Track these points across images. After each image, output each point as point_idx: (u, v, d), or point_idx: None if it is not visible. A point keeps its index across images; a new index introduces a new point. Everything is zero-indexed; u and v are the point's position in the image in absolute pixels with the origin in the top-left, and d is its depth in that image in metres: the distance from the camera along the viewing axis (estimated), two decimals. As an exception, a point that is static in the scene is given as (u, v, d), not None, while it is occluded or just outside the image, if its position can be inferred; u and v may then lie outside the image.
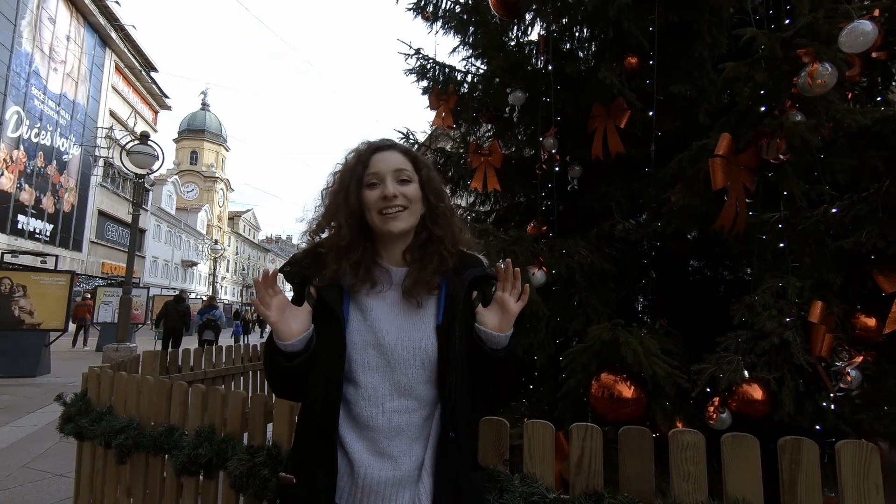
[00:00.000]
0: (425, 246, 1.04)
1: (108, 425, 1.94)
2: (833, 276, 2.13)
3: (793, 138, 1.79)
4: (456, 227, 1.07)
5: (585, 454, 1.13)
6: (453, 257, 1.04)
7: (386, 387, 0.96)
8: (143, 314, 16.13)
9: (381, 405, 0.96)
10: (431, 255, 1.02)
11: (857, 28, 1.54)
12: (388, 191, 0.99)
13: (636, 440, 1.11)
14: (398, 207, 1.00)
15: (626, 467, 1.11)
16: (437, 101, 3.88)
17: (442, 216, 1.05)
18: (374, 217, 1.01)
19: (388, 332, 0.98)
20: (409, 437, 0.96)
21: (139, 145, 9.41)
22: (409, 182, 1.02)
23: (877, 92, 2.90)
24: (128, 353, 8.87)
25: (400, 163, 1.03)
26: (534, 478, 1.12)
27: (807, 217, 2.25)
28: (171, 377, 3.39)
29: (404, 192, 1.01)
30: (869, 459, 0.96)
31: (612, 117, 2.87)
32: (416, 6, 4.19)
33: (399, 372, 0.97)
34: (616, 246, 2.99)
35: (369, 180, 1.02)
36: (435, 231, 1.04)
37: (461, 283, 1.02)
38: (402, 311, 1.01)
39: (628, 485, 1.09)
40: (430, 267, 1.01)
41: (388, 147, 1.06)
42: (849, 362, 2.00)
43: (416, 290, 1.00)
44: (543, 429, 1.16)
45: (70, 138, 22.72)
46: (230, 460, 1.53)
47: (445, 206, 1.07)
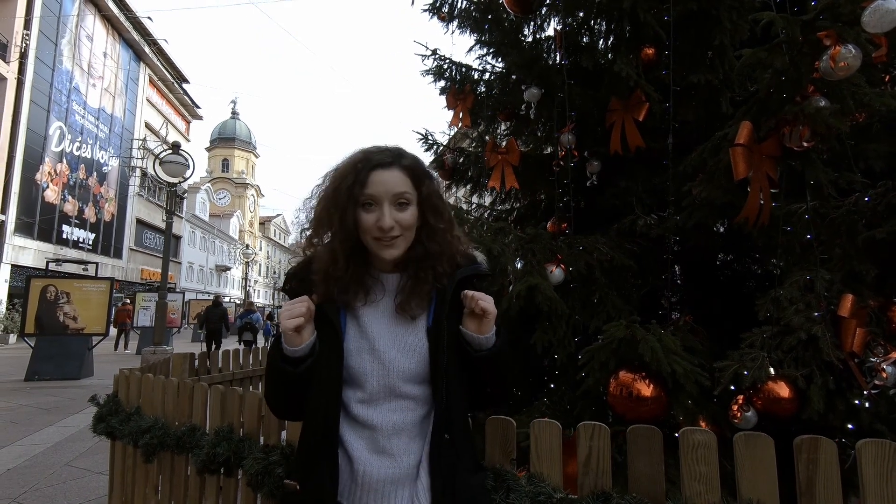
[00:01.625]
0: (420, 261, 1.02)
1: (135, 425, 2.01)
2: (866, 268, 2.03)
3: (816, 125, 1.72)
4: (454, 242, 1.05)
5: (593, 453, 1.11)
6: (447, 274, 1.03)
7: (382, 390, 0.98)
8: (179, 318, 16.65)
9: (378, 407, 0.98)
10: (426, 271, 1.01)
11: (882, 6, 1.46)
12: (384, 222, 0.96)
13: (645, 439, 1.08)
14: (393, 237, 0.98)
15: (636, 467, 1.08)
16: (455, 101, 3.88)
17: (439, 234, 1.03)
18: (368, 240, 1.00)
19: (381, 336, 0.99)
20: (407, 435, 0.97)
21: (171, 155, 9.73)
22: (407, 205, 0.99)
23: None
24: (164, 356, 9.20)
25: (399, 185, 0.98)
26: (541, 477, 1.10)
27: (837, 206, 2.15)
28: (200, 378, 3.49)
29: (401, 219, 0.98)
30: (893, 460, 0.91)
31: (630, 111, 2.81)
32: (432, 7, 4.20)
33: (394, 375, 0.97)
34: (638, 242, 2.93)
35: (365, 200, 0.98)
36: (430, 247, 1.02)
37: (450, 284, 1.02)
38: (395, 316, 1.02)
39: (637, 485, 1.07)
40: (425, 286, 1.01)
41: (388, 164, 0.99)
42: (884, 358, 1.90)
43: (408, 304, 1.00)
44: (550, 428, 1.15)
45: (109, 150, 23.71)
46: (246, 459, 1.56)
47: (445, 225, 1.04)
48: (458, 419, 0.99)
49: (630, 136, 2.82)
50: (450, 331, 0.99)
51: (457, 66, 4.09)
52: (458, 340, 1.00)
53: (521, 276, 2.46)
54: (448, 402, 0.97)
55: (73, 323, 9.64)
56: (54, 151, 19.98)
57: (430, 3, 4.21)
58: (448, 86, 4.10)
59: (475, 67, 4.04)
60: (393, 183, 0.98)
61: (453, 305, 1.01)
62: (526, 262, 2.58)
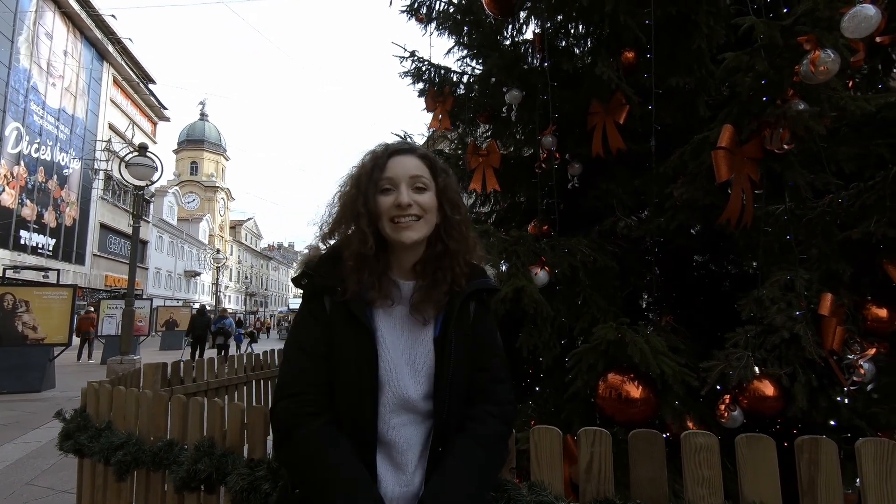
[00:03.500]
0: (439, 259, 1.00)
1: (107, 441, 1.90)
2: (842, 267, 2.09)
3: (796, 127, 1.76)
4: (470, 240, 1.04)
5: (595, 459, 1.09)
6: (465, 275, 1.01)
7: (392, 402, 0.95)
8: (146, 326, 16.10)
9: (389, 421, 0.94)
10: (445, 271, 0.99)
11: (860, 12, 1.50)
12: (402, 199, 0.95)
13: (647, 443, 1.07)
14: (412, 217, 0.96)
15: (638, 472, 1.06)
16: (434, 104, 3.85)
17: (457, 228, 1.02)
18: (385, 225, 0.97)
19: (394, 347, 0.96)
20: (417, 451, 0.95)
21: (138, 157, 9.41)
22: (424, 190, 0.98)
23: (878, 79, 2.86)
24: (131, 366, 8.86)
25: (417, 168, 0.99)
26: (542, 486, 1.08)
27: (812, 207, 2.21)
28: (173, 389, 3.36)
29: (419, 200, 0.97)
30: (892, 458, 0.92)
31: (611, 113, 2.84)
32: (410, 8, 4.17)
33: (406, 387, 0.95)
34: (619, 243, 2.95)
35: (384, 185, 0.98)
36: (450, 244, 1.00)
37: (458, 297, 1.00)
38: (408, 326, 0.99)
39: (640, 490, 1.05)
40: (443, 287, 0.98)
41: (406, 151, 1.01)
42: (861, 355, 1.95)
43: (423, 307, 0.98)
44: (550, 434, 1.12)
45: (70, 152, 22.80)
46: (230, 475, 1.49)
47: (462, 218, 1.03)
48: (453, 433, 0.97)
49: (611, 139, 2.85)
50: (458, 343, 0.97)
51: (436, 69, 4.07)
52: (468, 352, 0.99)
53: (506, 279, 2.44)
54: (447, 416, 0.95)
55: (33, 333, 9.20)
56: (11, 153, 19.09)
57: (408, 5, 4.18)
58: (427, 88, 4.08)
59: (454, 70, 4.02)
60: (410, 166, 0.99)
61: (461, 316, 1.00)
62: (511, 265, 2.56)
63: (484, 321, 1.05)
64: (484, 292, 1.05)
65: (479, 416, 0.97)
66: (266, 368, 4.50)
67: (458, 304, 0.99)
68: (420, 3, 4.12)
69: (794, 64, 1.72)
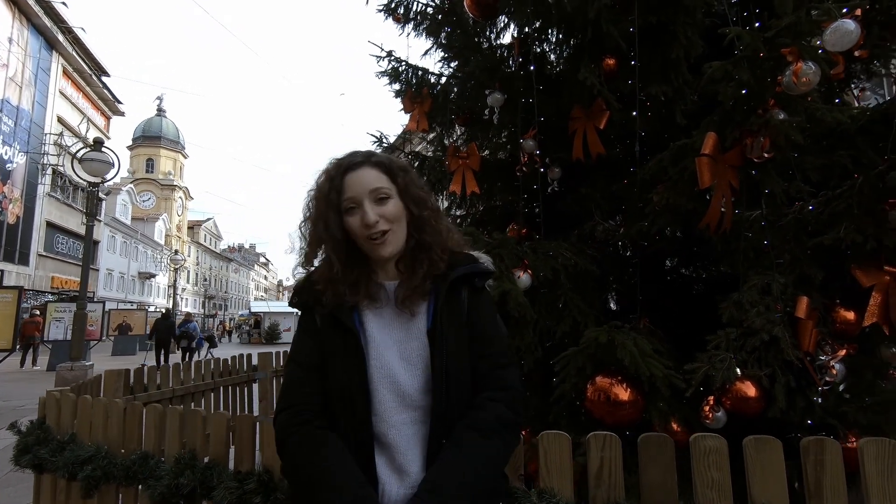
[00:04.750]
0: (415, 253, 1.02)
1: (72, 455, 1.77)
2: (814, 272, 2.18)
3: (778, 137, 1.82)
4: (443, 229, 1.05)
5: (605, 464, 1.08)
6: (444, 261, 1.02)
7: (392, 400, 0.94)
8: (98, 330, 15.33)
9: (390, 419, 0.94)
10: (421, 261, 1.00)
11: (841, 27, 1.57)
12: (368, 218, 0.95)
13: (656, 447, 1.07)
14: (381, 232, 0.97)
15: (648, 476, 1.07)
16: (412, 105, 3.82)
17: (427, 222, 1.02)
18: (363, 245, 0.99)
19: (387, 345, 0.97)
20: (420, 452, 0.94)
21: (93, 152, 8.95)
22: (387, 199, 0.98)
23: (835, 94, 3.01)
24: (83, 372, 8.39)
25: (374, 180, 0.98)
26: (552, 493, 1.06)
27: (784, 214, 2.30)
28: (136, 397, 3.18)
29: (384, 213, 0.97)
30: (893, 457, 0.95)
31: (592, 118, 2.88)
32: (387, 7, 4.12)
33: (402, 383, 0.94)
34: (596, 247, 3.00)
35: (347, 205, 0.98)
36: (422, 238, 1.02)
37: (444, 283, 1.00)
38: (399, 324, 1.00)
39: (650, 495, 1.05)
40: (420, 273, 0.99)
41: (359, 164, 1.00)
42: (833, 356, 2.04)
43: (408, 300, 0.98)
44: (560, 440, 1.11)
45: (14, 146, 21.49)
46: (216, 489, 1.41)
47: (430, 212, 1.04)
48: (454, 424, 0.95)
49: (591, 144, 2.89)
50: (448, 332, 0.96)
51: (413, 69, 4.04)
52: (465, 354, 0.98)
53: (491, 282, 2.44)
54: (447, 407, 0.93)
55: (-27, 338, 8.59)
56: (-53, 146, 17.83)
57: (385, 4, 4.13)
58: (404, 88, 4.04)
59: (432, 71, 4.00)
60: (368, 180, 0.98)
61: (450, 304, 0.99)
62: (495, 268, 2.56)
63: (480, 308, 1.03)
64: (475, 277, 1.03)
65: (479, 403, 0.95)
66: (235, 374, 4.34)
67: (444, 290, 0.99)
68: (398, 2, 4.08)
69: (777, 74, 1.77)
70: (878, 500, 0.95)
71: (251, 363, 4.67)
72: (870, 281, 2.07)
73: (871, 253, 2.07)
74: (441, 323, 0.96)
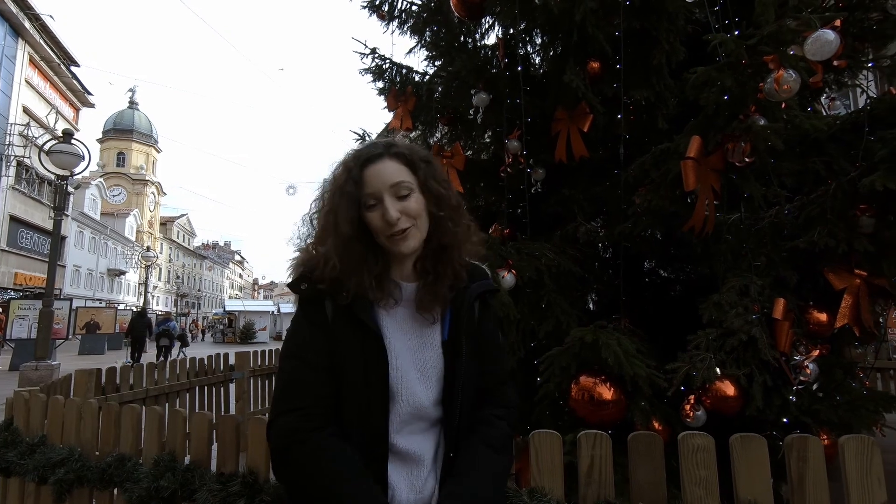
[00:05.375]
0: (437, 254, 0.96)
1: (42, 458, 1.70)
2: (789, 274, 2.24)
3: (759, 142, 1.86)
4: (462, 228, 0.99)
5: (595, 463, 1.09)
6: (466, 270, 0.98)
7: (405, 411, 0.90)
8: (64, 328, 14.81)
9: (400, 429, 0.90)
10: (445, 266, 0.95)
11: (821, 37, 1.62)
12: (389, 216, 0.89)
13: (646, 446, 1.08)
14: (403, 229, 0.91)
15: (638, 474, 1.08)
16: (396, 103, 3.80)
17: (443, 224, 0.97)
18: (383, 241, 0.93)
19: (400, 352, 0.92)
20: (429, 458, 0.92)
21: (61, 144, 8.64)
22: (409, 194, 0.92)
23: (807, 103, 3.10)
24: (49, 372, 8.10)
25: (395, 174, 0.92)
26: (542, 492, 1.07)
27: (762, 218, 2.36)
28: (108, 397, 3.08)
29: (406, 209, 0.91)
30: (871, 454, 0.98)
31: (576, 121, 2.90)
32: (372, 4, 4.10)
33: (418, 394, 0.91)
34: (579, 248, 3.03)
35: (367, 201, 0.92)
36: (442, 239, 0.96)
37: (467, 298, 0.97)
38: (412, 329, 0.95)
39: (640, 492, 1.07)
40: (446, 281, 0.95)
41: (379, 156, 0.94)
42: (807, 356, 2.10)
43: (430, 304, 0.94)
44: (551, 439, 1.12)
45: (-24, 136, 20.60)
46: (198, 491, 1.37)
47: (450, 210, 0.98)
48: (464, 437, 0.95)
49: (575, 146, 2.91)
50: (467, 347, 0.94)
51: (397, 67, 4.01)
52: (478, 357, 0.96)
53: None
54: (459, 421, 0.92)
55: (-70, 336, 8.20)
56: None
57: (369, 1, 4.10)
58: (388, 87, 4.01)
59: (417, 69, 3.98)
60: (388, 174, 0.92)
61: (468, 318, 0.97)
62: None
63: (487, 321, 1.03)
64: (487, 293, 1.03)
65: (487, 419, 0.95)
66: (211, 374, 4.25)
67: (467, 306, 0.97)
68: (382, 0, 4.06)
69: (759, 81, 1.82)
70: (857, 494, 0.98)
71: (227, 363, 4.57)
72: (841, 284, 2.14)
73: (842, 257, 2.14)
74: (461, 337, 0.94)
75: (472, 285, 0.99)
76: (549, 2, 2.57)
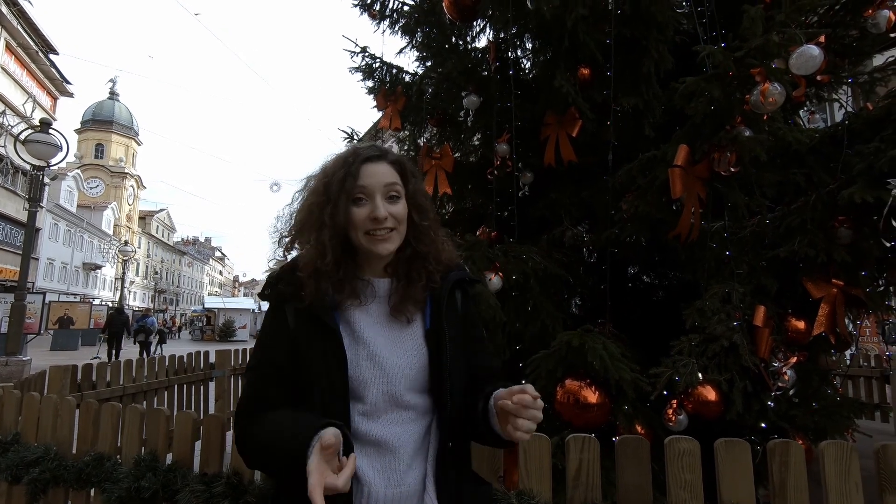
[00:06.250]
0: (410, 262, 0.99)
1: (16, 457, 1.64)
2: (770, 282, 2.29)
3: (744, 152, 1.90)
4: (439, 242, 1.03)
5: (583, 466, 1.10)
6: (439, 273, 1.00)
7: (382, 399, 0.91)
8: (37, 323, 14.43)
9: (378, 418, 0.91)
10: (419, 272, 0.98)
11: (806, 52, 1.66)
12: (378, 212, 0.92)
13: (634, 449, 1.09)
14: (387, 229, 0.94)
15: (625, 477, 1.09)
16: (385, 102, 3.78)
17: (426, 233, 1.00)
18: (359, 236, 0.95)
19: (378, 342, 0.94)
20: (411, 449, 0.91)
21: (38, 134, 8.41)
22: (397, 199, 0.96)
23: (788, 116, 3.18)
24: (19, 368, 7.88)
25: (390, 176, 0.96)
26: (530, 494, 1.07)
27: (744, 227, 2.41)
28: (83, 395, 3.01)
29: (393, 212, 0.94)
30: (850, 459, 1.01)
31: (565, 126, 2.93)
32: (363, 3, 4.08)
33: (394, 382, 0.92)
34: (565, 252, 3.06)
35: (356, 194, 0.94)
36: (418, 248, 0.99)
37: (444, 286, 0.99)
38: (389, 321, 0.97)
39: (627, 496, 1.08)
40: (419, 283, 0.97)
41: (378, 158, 0.98)
42: (785, 363, 2.15)
43: (404, 307, 0.96)
44: (540, 442, 1.12)
45: (-53, 123, 19.94)
46: (181, 492, 1.34)
47: (430, 223, 1.02)
48: (458, 427, 0.95)
49: (563, 151, 2.94)
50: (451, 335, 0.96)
51: (388, 67, 4.00)
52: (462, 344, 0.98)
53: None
54: (451, 409, 0.92)
55: None
56: None
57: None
58: (377, 86, 4.00)
59: (407, 70, 3.98)
60: (384, 175, 0.96)
61: (450, 306, 0.99)
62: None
63: (472, 311, 1.07)
64: (466, 281, 1.06)
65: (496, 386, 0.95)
66: (191, 372, 4.17)
67: (446, 295, 0.99)
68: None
69: (745, 93, 1.85)
70: (837, 498, 1.01)
71: (208, 361, 4.50)
72: (819, 293, 2.19)
73: (821, 266, 2.20)
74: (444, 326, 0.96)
75: (449, 275, 1.01)
76: (541, 7, 2.59)
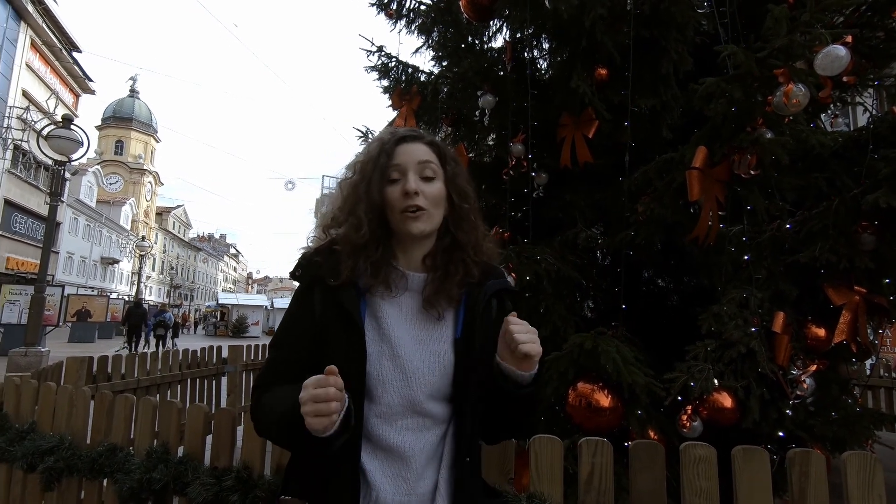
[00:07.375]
0: (448, 252, 0.95)
1: (32, 445, 1.67)
2: (789, 288, 2.24)
3: (765, 155, 1.86)
4: (480, 232, 0.99)
5: (596, 470, 1.08)
6: (478, 267, 0.96)
7: (399, 403, 0.87)
8: (56, 315, 14.70)
9: (394, 423, 0.88)
10: (456, 264, 0.94)
11: (832, 52, 1.62)
12: (409, 185, 0.90)
13: (648, 454, 1.07)
14: (418, 208, 0.91)
15: (639, 483, 1.07)
16: (400, 102, 3.78)
17: (466, 219, 0.96)
18: (395, 216, 0.92)
19: (403, 342, 0.89)
20: (423, 458, 0.88)
21: (61, 129, 8.58)
22: (433, 179, 0.94)
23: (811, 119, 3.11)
24: (38, 359, 8.03)
25: (425, 154, 0.95)
26: (542, 498, 1.06)
27: (763, 231, 2.36)
28: (98, 386, 3.05)
29: (426, 190, 0.92)
30: (873, 470, 0.98)
31: (581, 127, 2.90)
32: (380, 2, 4.08)
33: (414, 387, 0.88)
34: (578, 254, 3.03)
35: (391, 174, 0.94)
36: (458, 236, 0.95)
37: (482, 295, 0.95)
38: (419, 320, 0.92)
39: (640, 502, 1.06)
40: (455, 278, 0.93)
41: (414, 138, 0.98)
42: (804, 370, 2.10)
43: (437, 301, 0.92)
44: (552, 444, 1.11)
45: (-27, 118, 20.44)
46: (191, 485, 1.35)
47: (471, 208, 0.98)
48: (476, 441, 0.93)
49: (579, 152, 2.91)
50: (483, 345, 0.91)
51: (404, 66, 4.00)
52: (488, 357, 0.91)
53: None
54: (472, 422, 0.89)
55: (-82, 318, 8.11)
56: None
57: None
58: (393, 85, 4.00)
59: (422, 70, 3.98)
60: (419, 152, 0.95)
61: (485, 315, 0.94)
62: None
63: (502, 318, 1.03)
64: (505, 292, 1.01)
65: None
66: (204, 366, 4.21)
67: (483, 303, 0.94)
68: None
69: (767, 94, 1.81)
70: (858, 512, 0.97)
71: (220, 356, 4.54)
72: (840, 300, 2.14)
73: (843, 273, 2.15)
74: (474, 334, 0.92)
75: (488, 283, 0.97)
76: (559, 7, 2.57)
